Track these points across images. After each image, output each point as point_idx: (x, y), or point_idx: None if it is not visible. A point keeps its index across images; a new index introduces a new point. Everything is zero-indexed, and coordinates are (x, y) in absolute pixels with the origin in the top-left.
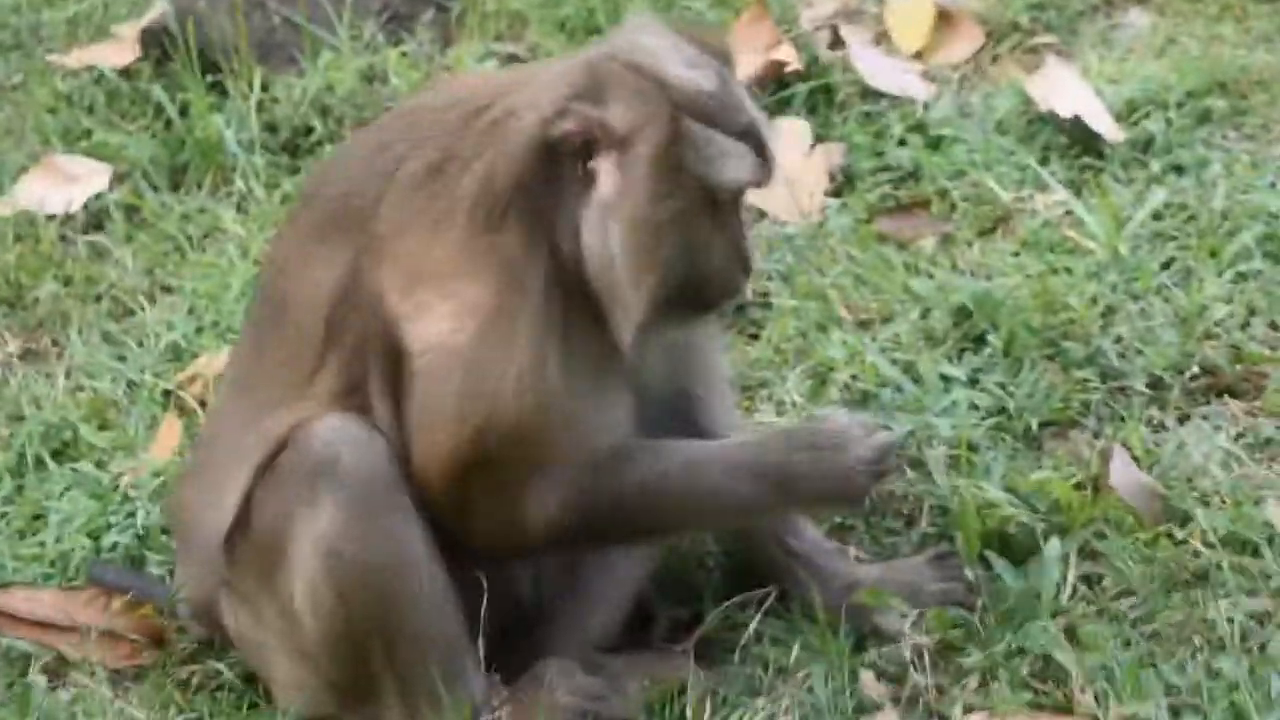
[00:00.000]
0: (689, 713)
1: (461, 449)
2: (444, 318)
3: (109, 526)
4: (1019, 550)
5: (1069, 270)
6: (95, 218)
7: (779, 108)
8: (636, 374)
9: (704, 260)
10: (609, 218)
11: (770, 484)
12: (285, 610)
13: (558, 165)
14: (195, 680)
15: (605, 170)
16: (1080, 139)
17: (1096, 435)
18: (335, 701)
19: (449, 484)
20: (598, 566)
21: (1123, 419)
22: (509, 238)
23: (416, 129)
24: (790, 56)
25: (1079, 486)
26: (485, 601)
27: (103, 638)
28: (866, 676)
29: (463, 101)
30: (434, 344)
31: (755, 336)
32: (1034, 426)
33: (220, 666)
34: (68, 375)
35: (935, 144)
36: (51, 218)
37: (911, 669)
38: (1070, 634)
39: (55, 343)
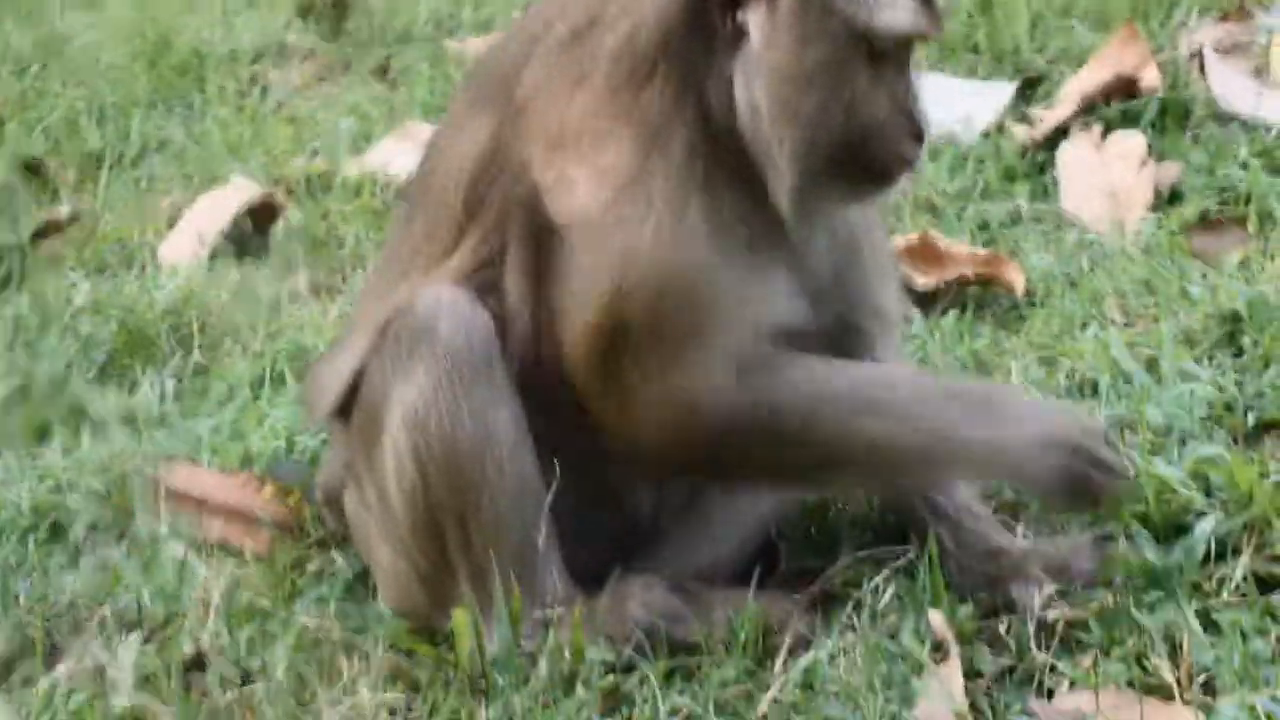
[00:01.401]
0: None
1: (602, 321)
2: (582, 186)
3: (303, 431)
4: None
5: None
6: None
7: (1122, 120)
8: (800, 259)
9: (863, 119)
10: (757, 69)
11: (969, 421)
12: (381, 489)
13: (706, 19)
14: (312, 569)
15: (754, 20)
16: None
17: None
18: (422, 593)
19: (598, 366)
20: (723, 500)
21: None
22: (650, 96)
23: None
24: (1150, 77)
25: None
26: (559, 494)
27: (247, 521)
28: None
29: None
30: (574, 215)
31: (1014, 322)
32: (1254, 423)
33: (336, 556)
34: (338, 311)
35: (1277, 169)
36: (393, 180)
37: (1033, 645)
38: (1204, 619)
39: (344, 280)
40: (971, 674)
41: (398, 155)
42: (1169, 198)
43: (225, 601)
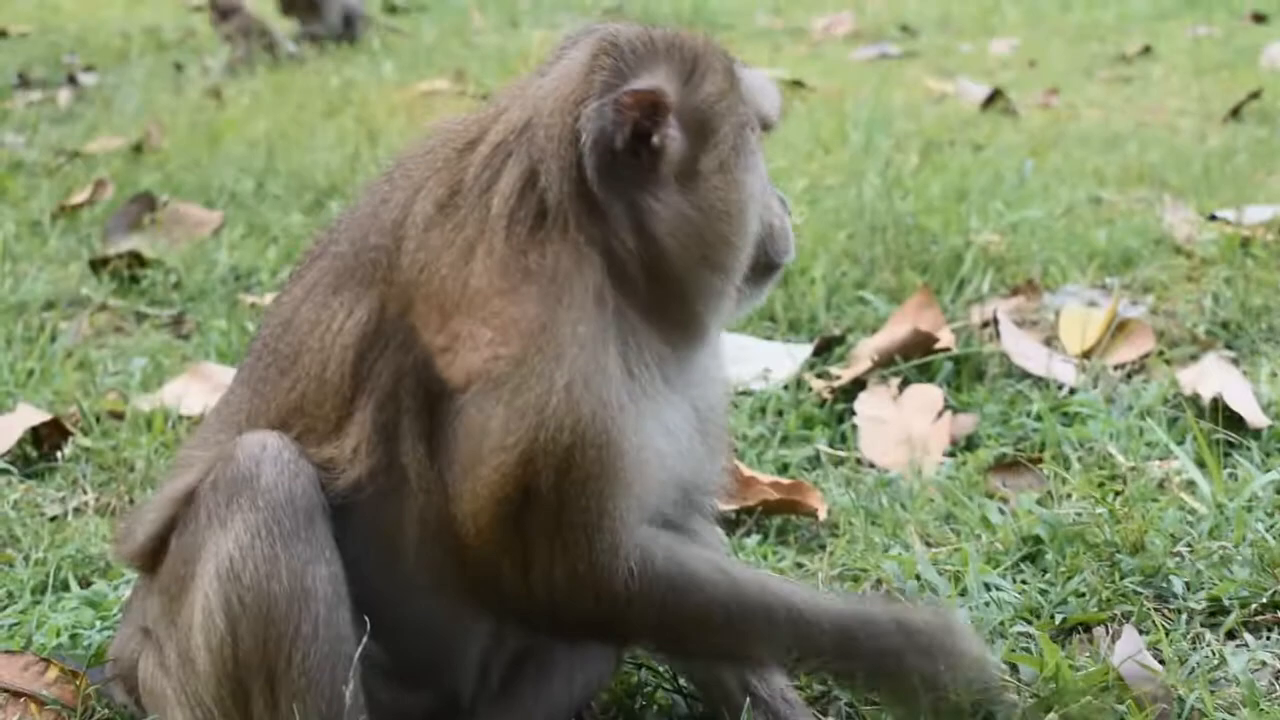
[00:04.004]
0: None
1: (509, 481)
2: (484, 344)
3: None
4: None
5: (1162, 518)
6: None
7: (918, 375)
8: (700, 390)
9: (771, 204)
10: (689, 181)
11: (856, 640)
12: (185, 648)
13: (611, 156)
14: None
15: (671, 137)
16: (1223, 423)
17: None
18: None
19: (500, 529)
20: (538, 681)
21: (1166, 632)
22: (555, 249)
23: (411, 176)
24: (945, 339)
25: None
26: (380, 670)
27: (30, 703)
28: None
29: (448, 139)
30: (475, 374)
31: (816, 549)
32: (1060, 624)
33: None
34: None
35: (1070, 421)
36: (186, 416)
37: None
38: None
39: (132, 502)
40: None
41: (190, 394)
42: (965, 445)
43: None
